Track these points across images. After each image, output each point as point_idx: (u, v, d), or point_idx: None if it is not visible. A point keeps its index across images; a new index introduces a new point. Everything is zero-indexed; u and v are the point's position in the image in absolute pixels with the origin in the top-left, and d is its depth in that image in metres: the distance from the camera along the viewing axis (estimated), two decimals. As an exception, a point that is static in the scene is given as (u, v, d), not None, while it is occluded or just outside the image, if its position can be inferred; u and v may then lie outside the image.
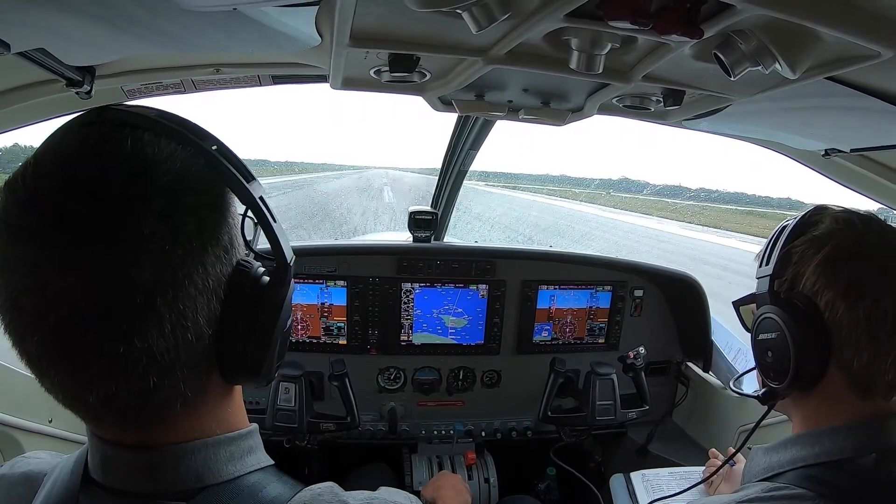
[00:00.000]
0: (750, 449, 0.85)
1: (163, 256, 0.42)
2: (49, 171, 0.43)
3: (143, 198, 0.42)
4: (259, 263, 0.52)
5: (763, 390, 0.82)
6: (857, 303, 0.68)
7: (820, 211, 0.77)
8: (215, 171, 0.48)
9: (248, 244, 0.52)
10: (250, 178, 0.51)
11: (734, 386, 1.08)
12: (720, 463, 1.29)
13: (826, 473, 0.69)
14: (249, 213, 0.52)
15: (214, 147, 0.49)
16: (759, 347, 0.79)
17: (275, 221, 0.52)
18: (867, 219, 0.73)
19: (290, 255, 0.53)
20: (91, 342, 0.41)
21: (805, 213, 0.78)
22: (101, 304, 0.41)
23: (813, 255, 0.72)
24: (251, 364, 0.50)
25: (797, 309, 0.72)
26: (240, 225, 0.51)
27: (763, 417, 0.87)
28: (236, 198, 0.51)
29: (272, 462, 0.55)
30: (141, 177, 0.43)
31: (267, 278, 0.52)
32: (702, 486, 1.31)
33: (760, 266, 0.79)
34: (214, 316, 0.47)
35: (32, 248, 0.41)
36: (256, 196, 0.51)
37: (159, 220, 0.42)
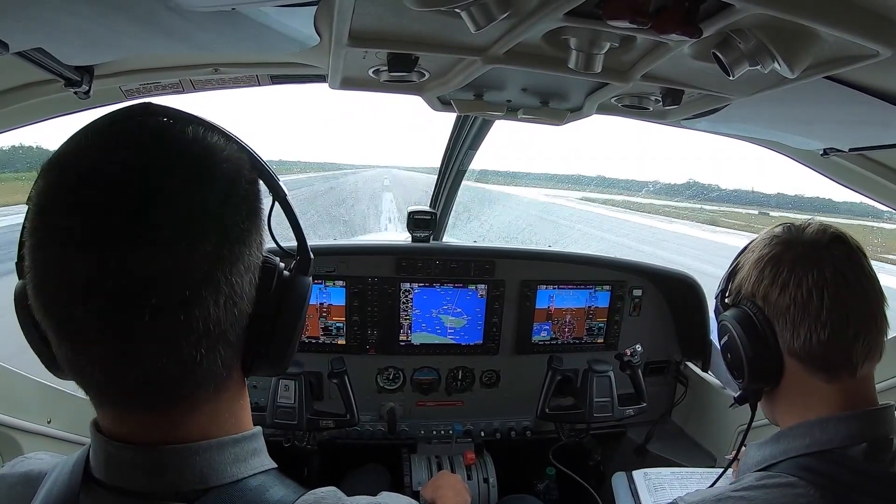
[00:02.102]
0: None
1: (224, 232, 0.46)
2: (110, 150, 0.45)
3: (209, 178, 0.46)
4: (277, 258, 0.55)
5: (738, 393, 0.87)
6: (784, 289, 0.76)
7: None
8: (255, 167, 0.52)
9: (273, 237, 0.56)
10: (277, 176, 0.56)
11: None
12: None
13: (817, 463, 0.71)
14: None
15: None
16: (723, 353, 0.86)
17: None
18: (797, 226, 0.81)
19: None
20: (150, 309, 0.42)
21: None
22: (165, 273, 0.43)
23: (745, 263, 0.83)
24: (275, 349, 0.53)
25: (740, 308, 0.82)
26: (267, 219, 0.54)
27: (752, 419, 0.90)
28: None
29: (275, 465, 0.55)
30: (205, 160, 0.47)
31: (287, 272, 0.55)
32: (700, 480, 1.31)
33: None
34: (252, 297, 0.50)
35: (94, 218, 0.42)
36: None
37: (221, 199, 0.46)
